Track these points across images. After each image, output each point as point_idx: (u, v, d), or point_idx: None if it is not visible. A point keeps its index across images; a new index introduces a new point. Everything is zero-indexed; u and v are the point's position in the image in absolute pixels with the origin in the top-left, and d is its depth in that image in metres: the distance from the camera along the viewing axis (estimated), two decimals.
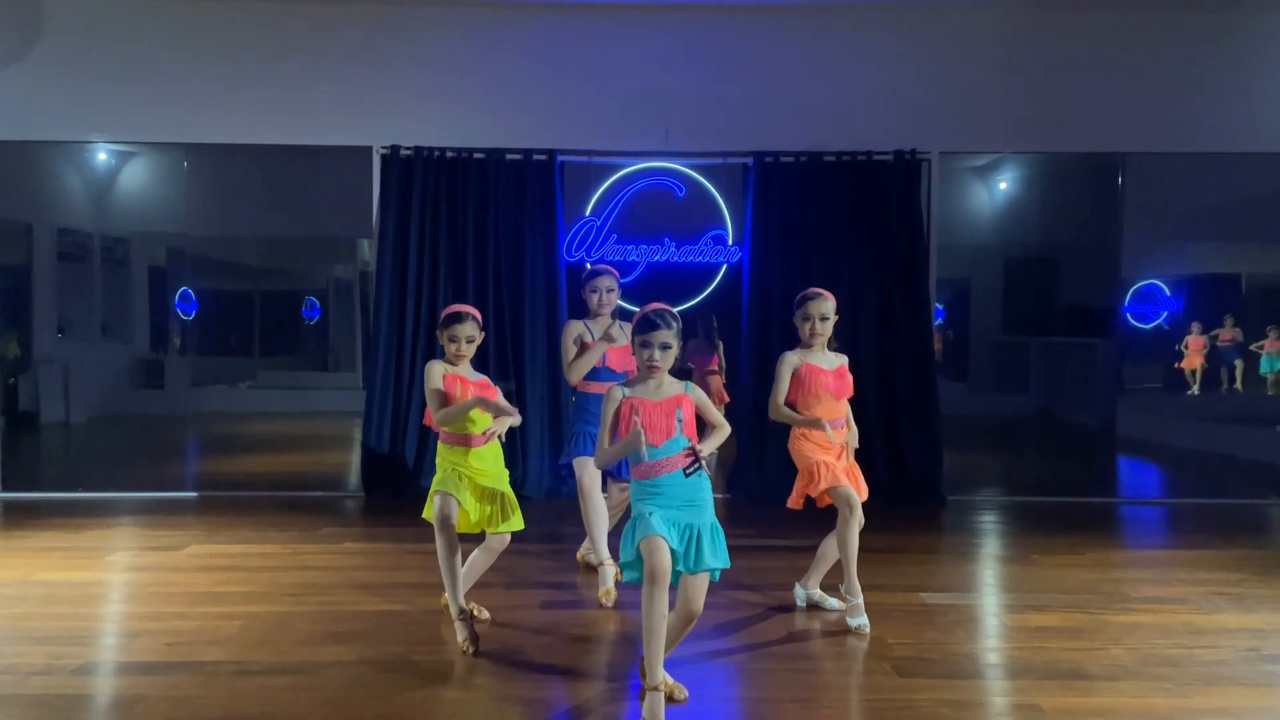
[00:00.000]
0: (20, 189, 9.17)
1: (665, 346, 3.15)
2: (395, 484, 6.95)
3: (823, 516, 4.17)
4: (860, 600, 4.09)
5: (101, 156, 10.01)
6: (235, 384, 12.82)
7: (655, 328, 3.14)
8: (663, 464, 3.13)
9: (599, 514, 4.64)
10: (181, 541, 5.59)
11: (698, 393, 3.26)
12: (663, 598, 3.04)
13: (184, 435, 10.01)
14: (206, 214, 9.44)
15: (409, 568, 5.03)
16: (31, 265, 10.30)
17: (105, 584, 4.77)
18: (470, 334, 3.87)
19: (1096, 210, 8.92)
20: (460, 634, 3.81)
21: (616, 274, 4.83)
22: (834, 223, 7.01)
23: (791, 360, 4.15)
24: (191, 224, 9.26)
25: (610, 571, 4.48)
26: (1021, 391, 11.43)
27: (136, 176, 10.25)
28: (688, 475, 3.14)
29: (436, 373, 3.86)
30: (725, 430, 3.33)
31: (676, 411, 3.15)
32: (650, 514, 3.09)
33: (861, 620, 4.06)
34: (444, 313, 3.98)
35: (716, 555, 3.14)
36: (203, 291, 11.04)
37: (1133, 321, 11.32)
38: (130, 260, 11.39)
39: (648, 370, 3.17)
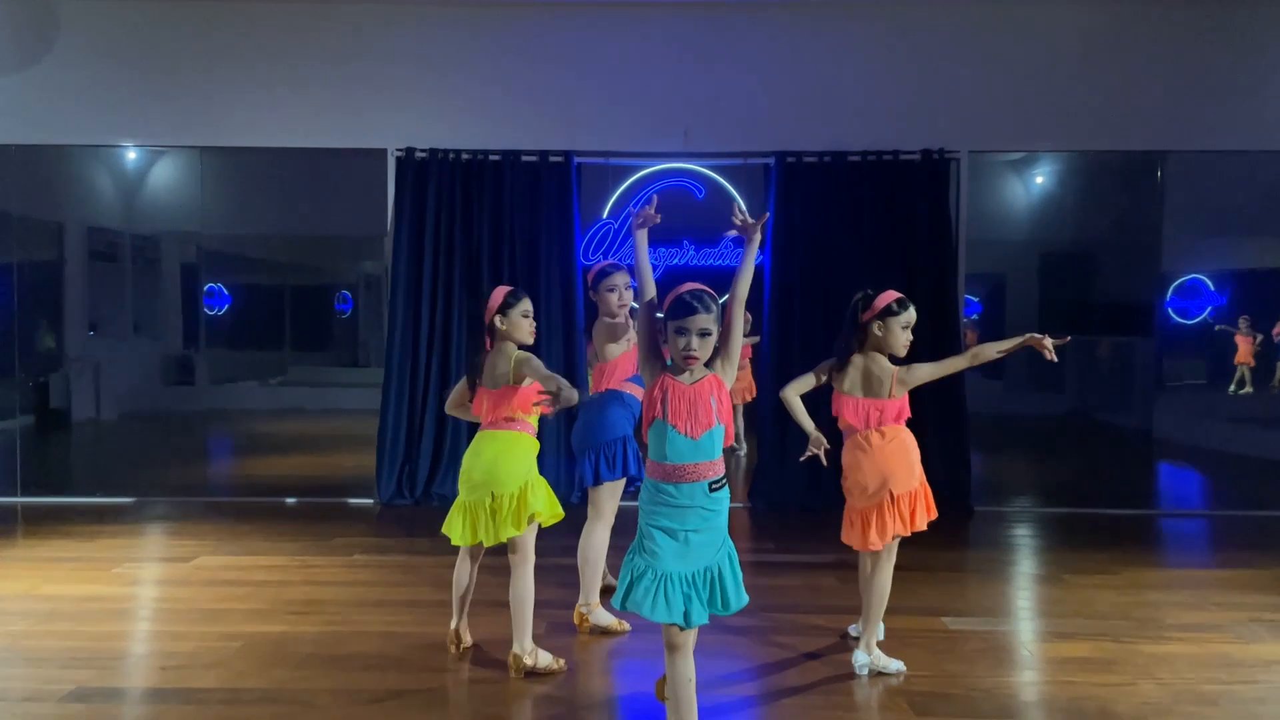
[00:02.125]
0: (50, 190, 9.23)
1: (704, 333, 2.72)
2: (410, 492, 6.88)
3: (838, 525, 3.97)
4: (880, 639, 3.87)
5: (131, 156, 10.03)
6: (266, 380, 12.87)
7: (694, 311, 2.71)
8: (691, 470, 2.76)
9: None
10: (192, 552, 5.55)
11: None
12: (686, 663, 2.80)
13: (212, 434, 10.05)
14: (230, 213, 9.44)
15: (416, 584, 4.93)
16: (63, 264, 10.38)
17: (109, 599, 4.71)
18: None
19: (1135, 205, 8.62)
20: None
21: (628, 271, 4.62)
22: (858, 224, 6.80)
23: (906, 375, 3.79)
24: (211, 223, 9.27)
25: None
26: (1056, 391, 11.12)
27: (165, 176, 10.28)
28: (712, 491, 2.80)
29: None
30: None
31: (711, 398, 2.77)
32: (661, 575, 2.75)
33: (898, 664, 3.78)
34: (505, 291, 3.74)
35: (739, 591, 2.86)
36: (234, 287, 11.08)
37: (1175, 317, 10.97)
38: (161, 258, 11.44)
39: (684, 361, 2.76)
